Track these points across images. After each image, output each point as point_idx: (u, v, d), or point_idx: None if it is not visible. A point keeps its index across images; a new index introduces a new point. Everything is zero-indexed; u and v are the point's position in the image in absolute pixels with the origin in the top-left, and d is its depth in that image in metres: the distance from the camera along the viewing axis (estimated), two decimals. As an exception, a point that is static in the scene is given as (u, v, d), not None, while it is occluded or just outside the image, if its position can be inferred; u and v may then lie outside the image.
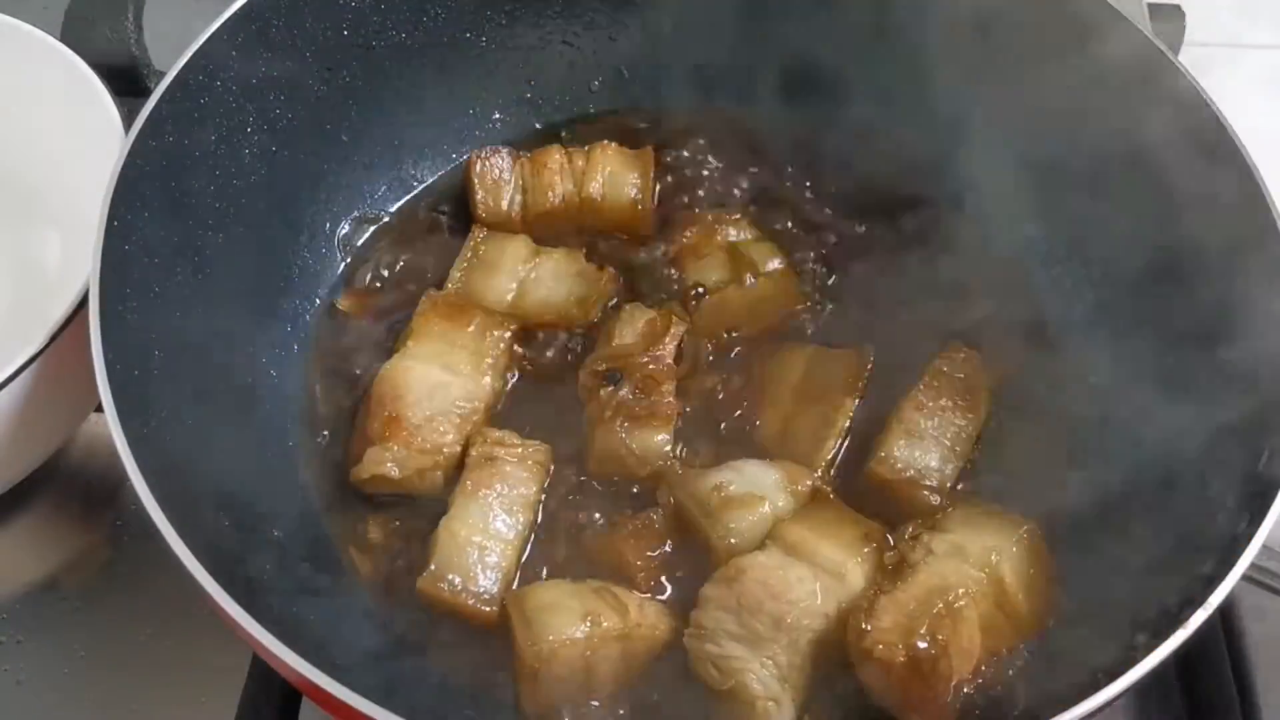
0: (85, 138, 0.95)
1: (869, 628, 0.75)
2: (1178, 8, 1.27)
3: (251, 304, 0.91)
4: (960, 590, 0.76)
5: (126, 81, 0.99)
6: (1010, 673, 0.77)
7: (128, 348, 0.74)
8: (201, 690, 0.87)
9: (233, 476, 0.81)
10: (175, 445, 0.76)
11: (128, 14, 1.04)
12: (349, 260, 1.00)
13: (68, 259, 1.03)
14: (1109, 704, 0.65)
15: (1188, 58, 0.89)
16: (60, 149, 1.02)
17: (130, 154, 0.79)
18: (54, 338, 0.84)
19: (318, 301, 0.97)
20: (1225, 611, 0.89)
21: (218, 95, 0.87)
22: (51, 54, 1.01)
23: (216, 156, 0.88)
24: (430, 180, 1.05)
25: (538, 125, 1.08)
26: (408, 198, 1.04)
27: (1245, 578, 0.69)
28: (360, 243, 1.01)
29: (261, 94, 0.91)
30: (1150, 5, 1.26)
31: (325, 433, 0.91)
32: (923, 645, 0.73)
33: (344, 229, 1.00)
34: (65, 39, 1.03)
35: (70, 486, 0.99)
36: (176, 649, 0.89)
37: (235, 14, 0.86)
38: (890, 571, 0.78)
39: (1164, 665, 0.66)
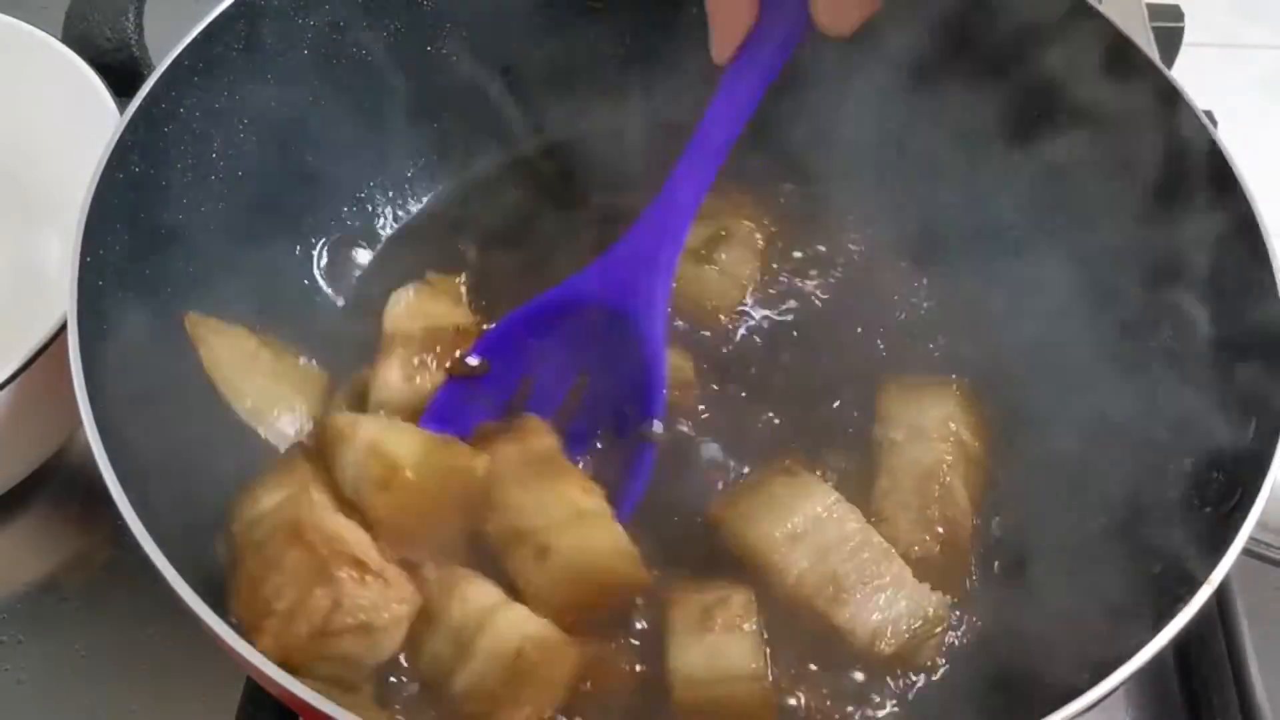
0: (85, 138, 0.95)
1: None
2: (1177, 8, 1.27)
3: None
4: (943, 466, 0.84)
5: (126, 81, 0.99)
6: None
7: (108, 382, 0.74)
8: (202, 690, 0.87)
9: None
10: (164, 480, 0.76)
11: (128, 14, 1.04)
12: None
13: (67, 259, 1.03)
14: (1112, 692, 0.65)
15: (1187, 58, 0.89)
16: (60, 149, 1.02)
17: (99, 186, 0.78)
18: (53, 338, 0.85)
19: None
20: (1223, 609, 0.89)
21: (182, 122, 0.86)
22: (51, 54, 1.01)
23: (184, 185, 0.87)
24: (404, 202, 1.06)
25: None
26: (385, 222, 1.05)
27: (1245, 551, 0.69)
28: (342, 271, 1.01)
29: (226, 119, 0.90)
30: (1150, 5, 1.26)
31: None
32: (940, 530, 0.81)
33: (323, 259, 1.00)
34: (65, 39, 1.03)
35: (70, 486, 0.99)
36: (177, 649, 0.89)
37: (195, 39, 0.86)
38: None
39: (1163, 656, 0.66)
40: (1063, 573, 0.83)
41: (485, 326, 0.93)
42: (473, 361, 0.89)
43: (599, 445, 0.89)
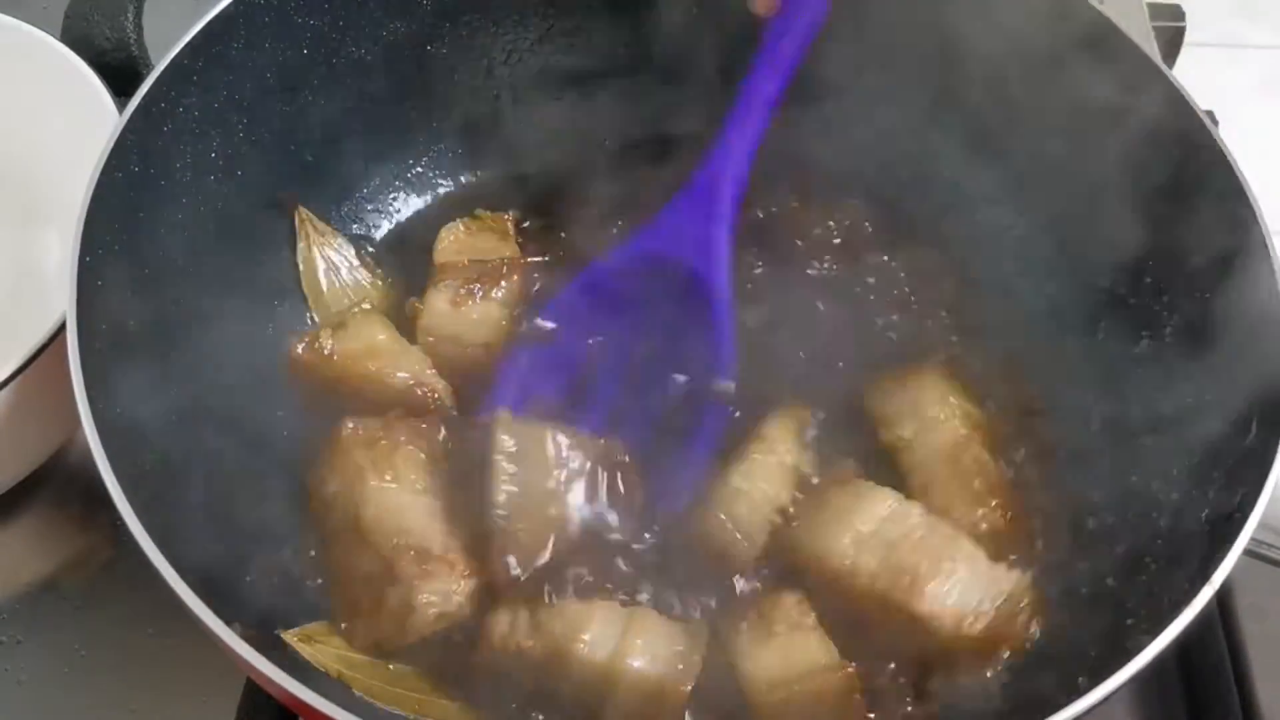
0: (85, 138, 0.95)
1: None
2: (1177, 7, 1.27)
3: (237, 329, 0.91)
4: (963, 443, 0.84)
5: (126, 81, 0.99)
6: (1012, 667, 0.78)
7: (108, 382, 0.74)
8: (202, 690, 0.87)
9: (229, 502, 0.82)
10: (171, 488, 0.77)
11: (128, 14, 1.04)
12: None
13: (67, 259, 1.03)
14: (1113, 693, 0.65)
15: (1188, 58, 0.89)
16: (59, 149, 1.02)
17: (99, 187, 0.78)
18: (52, 338, 0.84)
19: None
20: (1223, 609, 0.89)
21: (181, 123, 0.86)
22: (51, 54, 1.01)
23: (184, 185, 0.87)
24: (406, 201, 1.05)
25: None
26: (380, 228, 1.04)
27: (1246, 551, 0.69)
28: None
29: (224, 118, 0.90)
30: (1150, 5, 1.26)
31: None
32: (994, 501, 0.82)
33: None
34: (65, 39, 1.03)
35: (70, 486, 0.99)
36: (177, 649, 0.89)
37: (194, 39, 0.86)
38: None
39: (1164, 656, 0.66)
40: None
41: (531, 260, 0.96)
42: (545, 324, 0.90)
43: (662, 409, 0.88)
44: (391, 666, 0.79)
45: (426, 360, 0.90)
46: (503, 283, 0.94)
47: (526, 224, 1.02)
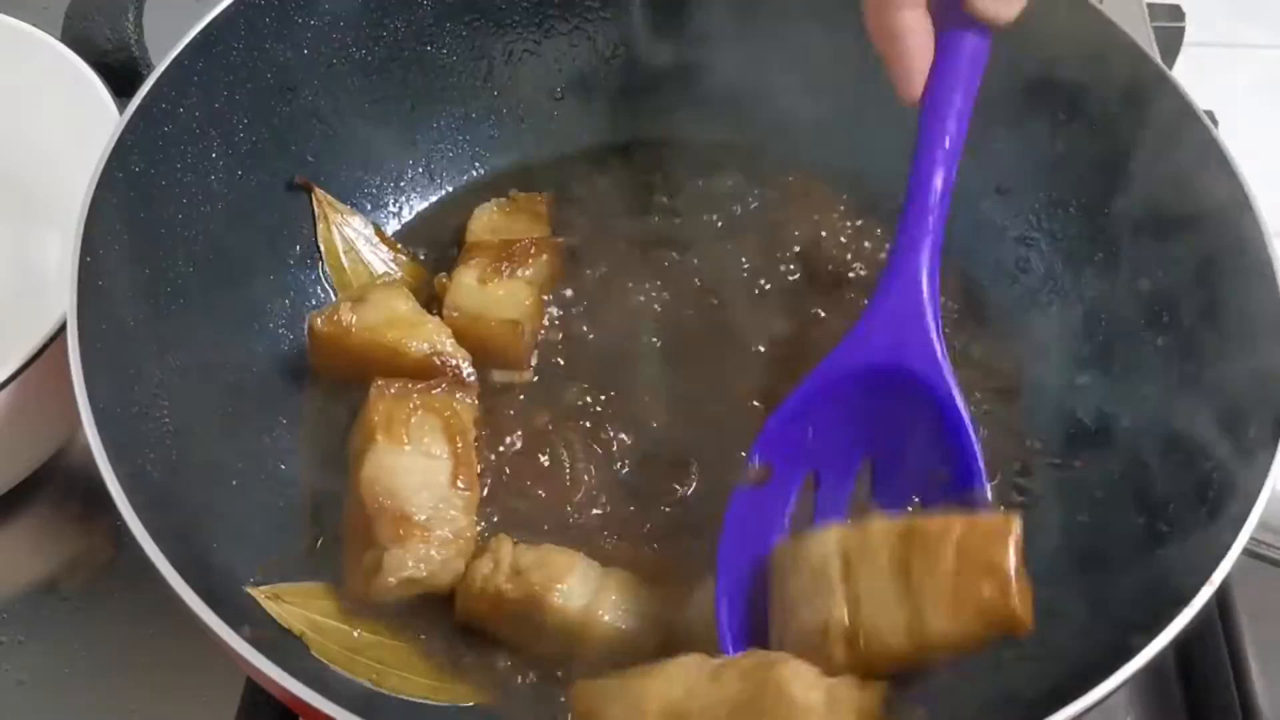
0: (85, 138, 0.95)
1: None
2: (1177, 7, 1.27)
3: (238, 329, 0.92)
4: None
5: (126, 81, 0.99)
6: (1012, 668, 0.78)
7: (111, 384, 0.74)
8: (202, 690, 0.87)
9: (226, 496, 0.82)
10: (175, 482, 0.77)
11: (128, 14, 1.04)
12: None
13: (67, 259, 1.03)
14: (1112, 693, 0.65)
15: (1187, 58, 0.89)
16: (60, 149, 1.02)
17: (99, 186, 0.79)
18: (52, 339, 0.84)
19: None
20: (1223, 609, 0.89)
21: (181, 123, 0.86)
22: (51, 54, 1.01)
23: (184, 185, 0.87)
24: (407, 201, 1.05)
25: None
26: (387, 223, 1.04)
27: (1246, 551, 0.69)
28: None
29: (225, 118, 0.90)
30: (1150, 5, 1.26)
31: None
32: None
33: (325, 261, 1.00)
34: (65, 39, 1.03)
35: (70, 486, 0.99)
36: (177, 649, 0.89)
37: (195, 39, 0.86)
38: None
39: (1163, 656, 0.66)
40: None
41: (563, 241, 0.99)
42: (756, 466, 0.81)
43: None
44: (357, 633, 0.80)
45: (446, 330, 0.90)
46: (531, 262, 0.95)
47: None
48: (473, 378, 0.90)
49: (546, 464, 0.89)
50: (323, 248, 0.99)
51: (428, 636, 0.82)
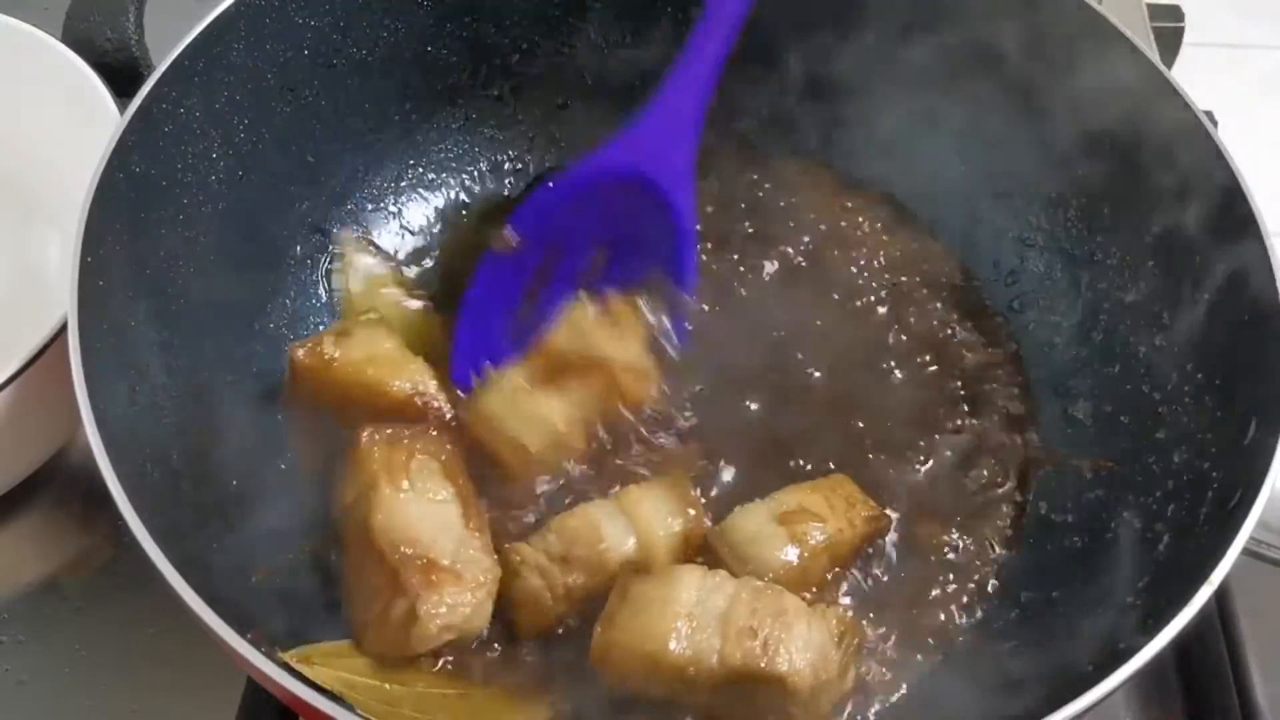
0: (85, 138, 0.95)
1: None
2: (1177, 8, 1.27)
3: (239, 329, 0.92)
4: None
5: (127, 82, 0.99)
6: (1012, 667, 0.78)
7: (111, 384, 0.75)
8: (202, 690, 0.87)
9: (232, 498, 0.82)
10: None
11: (128, 14, 1.04)
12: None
13: (67, 259, 1.03)
14: (1112, 692, 0.65)
15: (1187, 58, 0.89)
16: (60, 149, 1.02)
17: (99, 187, 0.79)
18: (53, 338, 0.84)
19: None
20: (1223, 609, 0.89)
21: (182, 123, 0.86)
22: (51, 54, 1.01)
23: (184, 185, 0.87)
24: (408, 200, 1.05)
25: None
26: (383, 229, 1.04)
27: (1246, 551, 0.69)
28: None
29: (225, 118, 0.90)
30: (1149, 5, 1.26)
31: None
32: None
33: (325, 259, 1.00)
34: (65, 39, 1.03)
35: (71, 486, 0.99)
36: (177, 649, 0.89)
37: (195, 40, 0.86)
38: None
39: (1163, 656, 0.66)
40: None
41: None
42: (509, 235, 0.94)
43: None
44: (389, 687, 0.78)
45: (429, 371, 0.89)
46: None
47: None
48: (455, 422, 0.87)
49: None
50: (328, 270, 1.00)
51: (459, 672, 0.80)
